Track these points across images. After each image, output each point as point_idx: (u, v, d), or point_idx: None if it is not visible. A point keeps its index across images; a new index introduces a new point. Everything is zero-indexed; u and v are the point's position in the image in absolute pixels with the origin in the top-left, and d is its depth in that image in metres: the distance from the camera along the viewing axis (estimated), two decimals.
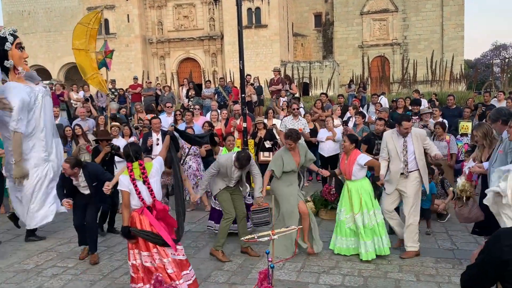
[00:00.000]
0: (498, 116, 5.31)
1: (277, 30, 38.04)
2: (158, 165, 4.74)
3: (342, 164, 6.05)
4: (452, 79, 25.61)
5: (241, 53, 8.64)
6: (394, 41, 40.77)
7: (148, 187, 4.53)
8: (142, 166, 4.53)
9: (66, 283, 5.41)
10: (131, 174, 4.52)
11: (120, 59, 38.12)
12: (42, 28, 42.54)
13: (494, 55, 50.31)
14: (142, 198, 4.52)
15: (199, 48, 41.00)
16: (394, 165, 5.92)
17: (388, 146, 5.97)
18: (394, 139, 5.94)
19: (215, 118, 10.07)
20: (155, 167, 4.68)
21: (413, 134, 5.90)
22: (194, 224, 7.84)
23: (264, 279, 3.90)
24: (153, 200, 4.57)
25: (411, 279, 5.22)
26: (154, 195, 4.57)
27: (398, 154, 5.88)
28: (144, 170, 4.53)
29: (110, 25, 39.87)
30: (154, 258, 4.54)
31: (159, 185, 4.72)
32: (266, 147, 9.19)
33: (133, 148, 4.66)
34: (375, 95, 13.66)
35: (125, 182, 4.55)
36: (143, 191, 4.53)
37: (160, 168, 4.76)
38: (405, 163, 5.87)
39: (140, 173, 4.52)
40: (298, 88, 21.00)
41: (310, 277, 5.36)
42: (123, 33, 40.10)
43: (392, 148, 5.93)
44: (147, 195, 4.54)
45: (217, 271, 5.64)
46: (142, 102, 15.21)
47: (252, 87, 14.51)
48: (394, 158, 5.92)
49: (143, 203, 4.55)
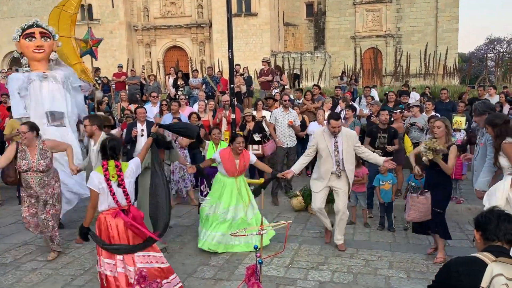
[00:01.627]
0: (486, 110, 5.45)
1: (267, 19, 37.90)
2: (134, 166, 4.49)
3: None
4: (446, 72, 25.75)
5: (230, 42, 8.58)
6: (388, 33, 40.89)
7: (123, 190, 4.28)
8: (119, 168, 4.29)
9: (45, 277, 5.37)
10: (106, 173, 4.24)
11: (104, 46, 37.51)
12: (23, 12, 41.81)
13: (488, 49, 50.71)
14: (117, 200, 4.26)
15: (187, 36, 40.69)
16: (326, 164, 5.96)
17: (320, 145, 6.00)
18: (326, 138, 5.97)
19: (202, 109, 10.02)
20: (130, 167, 4.43)
21: (344, 135, 5.96)
22: (180, 219, 7.84)
23: (251, 275, 3.91)
24: (128, 204, 4.34)
25: (402, 276, 5.28)
26: (130, 199, 4.34)
27: (330, 153, 5.94)
28: (121, 172, 4.29)
29: (93, 11, 39.36)
30: (117, 266, 4.27)
31: (132, 187, 4.48)
32: (256, 140, 9.17)
33: (110, 144, 4.34)
34: (367, 87, 13.70)
35: (96, 181, 4.27)
36: (118, 193, 4.27)
37: (136, 169, 4.51)
38: (337, 163, 5.93)
39: (116, 173, 4.27)
40: (288, 80, 20.97)
41: (299, 273, 5.39)
42: (107, 19, 39.62)
43: (324, 147, 5.96)
44: (122, 197, 4.29)
45: (203, 266, 5.65)
46: (127, 91, 15.08)
47: (241, 78, 14.47)
48: (326, 157, 5.95)
49: (117, 205, 4.28)
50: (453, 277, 2.54)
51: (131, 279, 4.21)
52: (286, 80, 17.11)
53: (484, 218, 2.64)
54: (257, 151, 9.17)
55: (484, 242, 2.62)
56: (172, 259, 5.87)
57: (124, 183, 4.28)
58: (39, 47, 7.81)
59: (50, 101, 7.57)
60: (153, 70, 32.80)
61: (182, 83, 14.66)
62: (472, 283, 2.43)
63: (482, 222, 2.63)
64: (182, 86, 14.54)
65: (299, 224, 7.34)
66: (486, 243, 2.60)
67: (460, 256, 2.73)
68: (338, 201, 6.07)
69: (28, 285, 5.19)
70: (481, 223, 2.65)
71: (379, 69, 28.95)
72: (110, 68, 28.66)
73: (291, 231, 6.87)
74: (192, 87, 14.64)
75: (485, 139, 5.31)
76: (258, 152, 9.18)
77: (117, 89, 15.86)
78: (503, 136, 4.77)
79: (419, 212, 5.69)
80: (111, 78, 16.72)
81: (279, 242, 6.31)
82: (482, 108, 5.55)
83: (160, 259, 4.47)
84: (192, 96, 14.19)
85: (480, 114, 5.51)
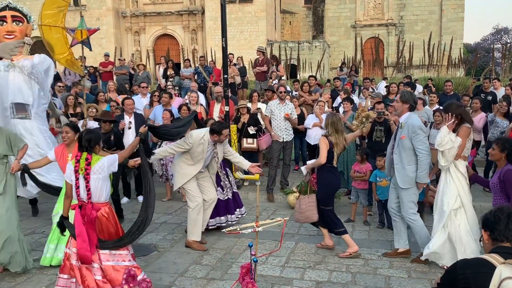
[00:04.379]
0: (409, 99, 5.63)
1: (263, 6, 37.79)
2: (106, 163, 4.41)
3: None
4: (450, 63, 25.84)
5: (224, 30, 8.58)
6: (390, 22, 40.85)
7: (86, 185, 4.30)
8: (88, 162, 4.31)
9: (29, 277, 5.40)
10: (76, 165, 4.33)
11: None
12: None
13: (495, 39, 50.80)
14: (78, 194, 4.36)
15: (178, 24, 40.50)
16: (196, 167, 6.20)
17: (197, 149, 6.14)
18: (205, 143, 6.16)
19: (194, 101, 9.97)
20: (101, 163, 4.37)
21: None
22: (171, 215, 7.86)
23: (246, 274, 3.95)
24: (88, 200, 4.34)
25: (402, 276, 5.33)
26: (90, 195, 4.33)
27: (205, 158, 6.23)
28: (88, 166, 4.30)
29: None
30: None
31: (99, 185, 4.37)
32: (250, 133, 9.18)
33: (86, 137, 4.39)
34: (367, 79, 13.74)
35: (68, 172, 4.44)
36: (81, 186, 4.33)
37: (108, 166, 4.42)
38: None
39: (84, 167, 4.31)
40: (285, 70, 20.99)
41: (295, 272, 5.44)
42: (93, 5, 39.35)
43: (200, 151, 6.15)
44: (84, 192, 4.33)
45: (195, 265, 5.68)
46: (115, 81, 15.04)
47: (236, 68, 14.47)
48: (199, 160, 6.19)
49: (77, 199, 4.38)
50: (459, 279, 2.51)
51: (95, 275, 4.33)
52: (283, 70, 17.12)
53: (493, 217, 2.57)
54: (252, 145, 9.20)
55: (493, 242, 2.57)
56: (163, 258, 5.91)
57: (89, 178, 4.30)
58: (9, 33, 7.57)
59: (15, 92, 7.35)
60: (142, 60, 32.72)
61: (172, 73, 14.61)
62: (480, 286, 2.41)
63: (491, 222, 2.57)
64: (172, 77, 14.49)
65: (296, 222, 7.36)
66: (494, 243, 2.55)
67: (464, 258, 2.73)
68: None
69: (11, 284, 5.22)
70: (489, 223, 2.58)
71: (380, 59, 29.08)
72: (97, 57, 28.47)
73: (287, 228, 6.91)
74: (183, 78, 14.62)
75: (408, 132, 5.50)
76: (253, 146, 9.21)
77: (104, 79, 15.80)
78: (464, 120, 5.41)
79: (301, 214, 6.07)
80: (97, 68, 16.64)
81: (275, 240, 6.36)
82: (407, 97, 5.69)
83: (126, 257, 4.52)
84: (184, 87, 14.17)
85: (404, 102, 5.66)
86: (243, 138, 9.29)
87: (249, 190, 9.07)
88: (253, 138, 9.20)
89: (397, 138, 5.69)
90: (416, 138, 5.45)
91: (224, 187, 6.91)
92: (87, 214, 4.33)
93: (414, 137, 5.46)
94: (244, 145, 9.27)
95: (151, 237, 6.68)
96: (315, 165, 6.00)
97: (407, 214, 5.64)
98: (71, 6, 27.97)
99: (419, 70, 27.87)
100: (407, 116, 5.58)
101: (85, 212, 4.33)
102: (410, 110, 5.62)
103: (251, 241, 4.62)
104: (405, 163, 5.57)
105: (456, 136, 5.25)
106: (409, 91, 6.25)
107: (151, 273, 5.40)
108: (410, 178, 5.57)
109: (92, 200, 4.35)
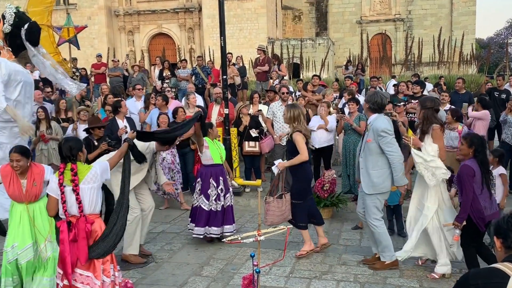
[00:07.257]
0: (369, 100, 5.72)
1: (263, 2, 37.86)
2: (99, 170, 4.31)
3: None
4: (462, 60, 25.83)
5: (222, 28, 8.62)
6: (397, 17, 40.91)
7: (76, 197, 4.14)
8: (74, 172, 4.15)
9: None
10: (60, 178, 4.15)
11: (82, 34, 36.96)
12: None
13: (509, 33, 50.83)
14: (65, 210, 4.18)
15: (174, 22, 40.59)
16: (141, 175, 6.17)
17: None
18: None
19: (194, 103, 9.93)
20: (93, 171, 4.27)
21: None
22: (169, 225, 7.88)
23: (248, 285, 3.97)
24: (80, 214, 4.18)
25: (413, 285, 5.34)
26: (82, 208, 4.18)
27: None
28: (75, 177, 4.14)
29: None
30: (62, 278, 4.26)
31: (95, 195, 4.27)
32: (252, 136, 9.20)
33: (66, 146, 4.23)
34: (374, 78, 13.74)
35: (54, 185, 4.24)
36: (70, 200, 4.17)
37: (102, 174, 4.33)
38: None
39: (71, 179, 4.15)
40: (288, 70, 21.03)
41: (300, 283, 5.45)
42: (84, 3, 39.47)
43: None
44: (74, 206, 4.17)
45: (195, 276, 5.70)
46: (108, 84, 15.06)
47: (235, 68, 14.50)
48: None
49: (65, 215, 4.19)
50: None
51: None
52: (285, 70, 17.16)
53: (506, 224, 2.53)
54: (254, 149, 9.22)
55: (506, 250, 2.53)
56: (161, 270, 5.93)
57: (78, 189, 4.15)
58: None
59: None
60: (136, 60, 32.76)
61: (169, 74, 14.63)
62: None
63: (504, 229, 2.53)
64: (168, 78, 14.50)
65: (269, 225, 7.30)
66: (508, 252, 2.52)
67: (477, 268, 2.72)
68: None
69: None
70: (502, 230, 2.54)
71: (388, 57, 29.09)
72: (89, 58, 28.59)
73: (291, 237, 6.92)
74: (180, 79, 14.63)
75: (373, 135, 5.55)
76: (256, 149, 9.23)
77: (97, 81, 15.83)
78: (430, 120, 5.46)
79: (275, 216, 6.10)
80: (89, 70, 16.70)
81: (279, 249, 6.37)
82: (368, 98, 5.79)
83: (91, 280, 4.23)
84: (180, 89, 14.19)
85: (366, 102, 5.78)
86: (245, 142, 9.30)
87: (251, 197, 9.09)
88: (255, 141, 9.22)
89: (363, 141, 5.77)
90: (383, 141, 5.50)
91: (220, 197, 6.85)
92: (80, 229, 4.16)
93: (380, 140, 5.51)
94: (246, 148, 9.29)
95: (148, 248, 6.69)
96: (294, 163, 6.05)
97: (370, 219, 5.74)
98: (60, 5, 28.09)
99: (429, 67, 27.86)
100: (374, 118, 5.66)
101: (78, 227, 4.16)
102: (373, 112, 5.67)
103: (253, 250, 4.64)
104: (369, 168, 5.64)
105: (431, 143, 5.41)
106: (376, 91, 6.42)
107: (148, 285, 5.43)
108: (373, 183, 5.63)
109: (84, 212, 4.21)
